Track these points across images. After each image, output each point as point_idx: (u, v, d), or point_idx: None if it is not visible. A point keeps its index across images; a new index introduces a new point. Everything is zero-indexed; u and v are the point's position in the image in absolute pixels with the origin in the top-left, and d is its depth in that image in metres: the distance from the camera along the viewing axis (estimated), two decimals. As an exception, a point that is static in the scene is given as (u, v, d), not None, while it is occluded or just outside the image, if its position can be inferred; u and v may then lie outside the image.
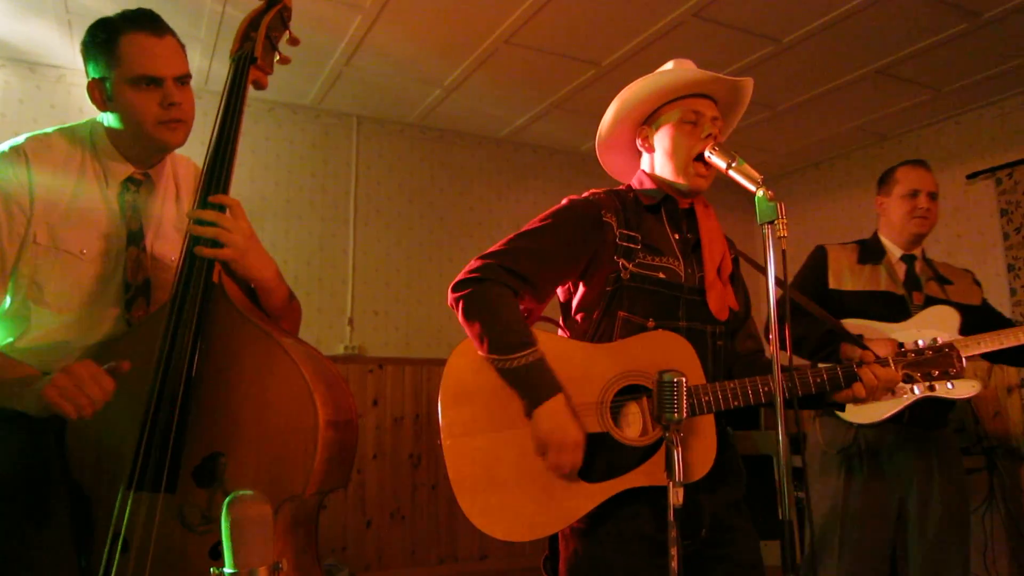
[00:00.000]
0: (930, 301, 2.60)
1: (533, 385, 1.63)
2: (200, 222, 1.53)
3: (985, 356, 2.56)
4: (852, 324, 2.54)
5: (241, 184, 4.84)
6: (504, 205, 5.71)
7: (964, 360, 1.65)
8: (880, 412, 2.46)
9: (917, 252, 2.72)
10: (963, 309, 2.57)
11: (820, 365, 1.69)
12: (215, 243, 1.53)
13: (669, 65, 1.87)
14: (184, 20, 3.80)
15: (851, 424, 2.54)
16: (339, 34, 4.10)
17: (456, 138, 5.64)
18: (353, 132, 5.31)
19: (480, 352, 1.68)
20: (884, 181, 2.78)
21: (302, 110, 5.16)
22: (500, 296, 1.69)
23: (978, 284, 2.77)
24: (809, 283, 2.70)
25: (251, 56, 1.70)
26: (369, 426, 4.96)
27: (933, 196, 2.68)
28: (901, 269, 2.68)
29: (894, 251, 2.71)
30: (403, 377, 5.13)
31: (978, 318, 2.60)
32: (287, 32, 1.80)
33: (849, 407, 2.47)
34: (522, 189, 5.81)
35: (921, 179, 2.68)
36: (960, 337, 2.46)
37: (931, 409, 2.50)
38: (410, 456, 5.05)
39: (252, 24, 1.74)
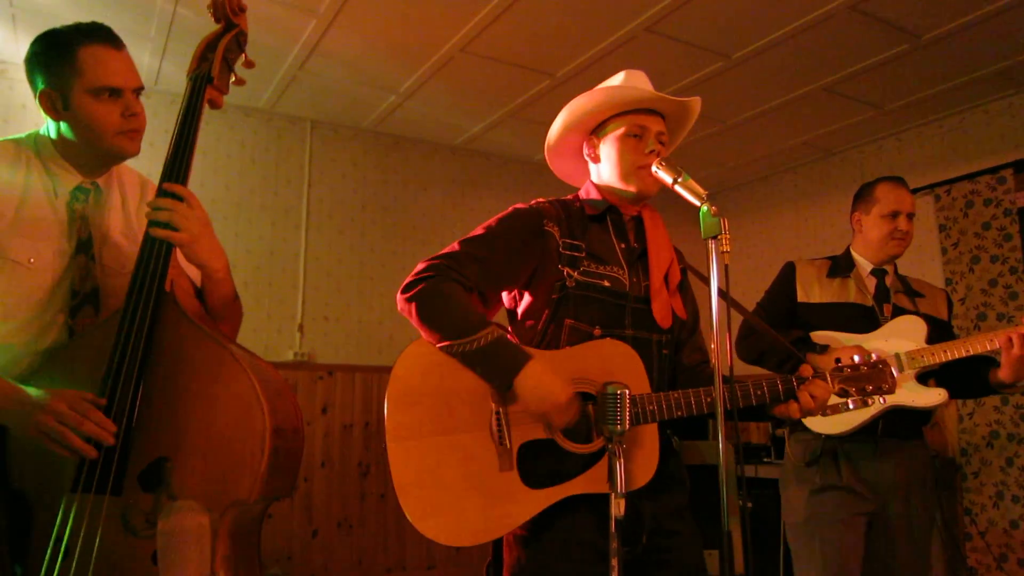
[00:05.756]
0: (898, 312, 2.58)
1: (503, 359, 1.64)
2: (157, 209, 1.58)
3: (942, 383, 2.49)
4: (821, 336, 2.54)
5: (191, 185, 4.72)
6: (458, 213, 5.70)
7: (896, 377, 1.68)
8: (847, 423, 2.45)
9: (888, 267, 2.69)
10: (930, 321, 2.55)
11: (762, 378, 1.72)
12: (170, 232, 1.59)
13: (620, 76, 1.89)
14: (133, 18, 3.66)
15: (818, 435, 2.52)
16: (293, 38, 4.06)
17: (410, 145, 5.62)
18: (307, 136, 5.25)
19: (439, 345, 1.67)
20: (863, 198, 2.71)
21: (255, 113, 5.09)
22: (453, 289, 1.69)
23: (950, 303, 2.75)
24: (779, 297, 2.69)
25: (208, 76, 1.74)
26: (318, 434, 4.89)
27: (911, 217, 2.64)
28: (871, 283, 2.65)
29: (864, 265, 2.68)
30: (353, 384, 5.08)
31: (943, 333, 2.59)
32: (243, 55, 1.83)
33: (818, 420, 2.48)
34: (476, 197, 5.81)
35: (901, 200, 2.63)
36: (925, 346, 2.45)
37: (905, 420, 2.48)
38: (359, 464, 5.00)
39: (209, 46, 1.78)
